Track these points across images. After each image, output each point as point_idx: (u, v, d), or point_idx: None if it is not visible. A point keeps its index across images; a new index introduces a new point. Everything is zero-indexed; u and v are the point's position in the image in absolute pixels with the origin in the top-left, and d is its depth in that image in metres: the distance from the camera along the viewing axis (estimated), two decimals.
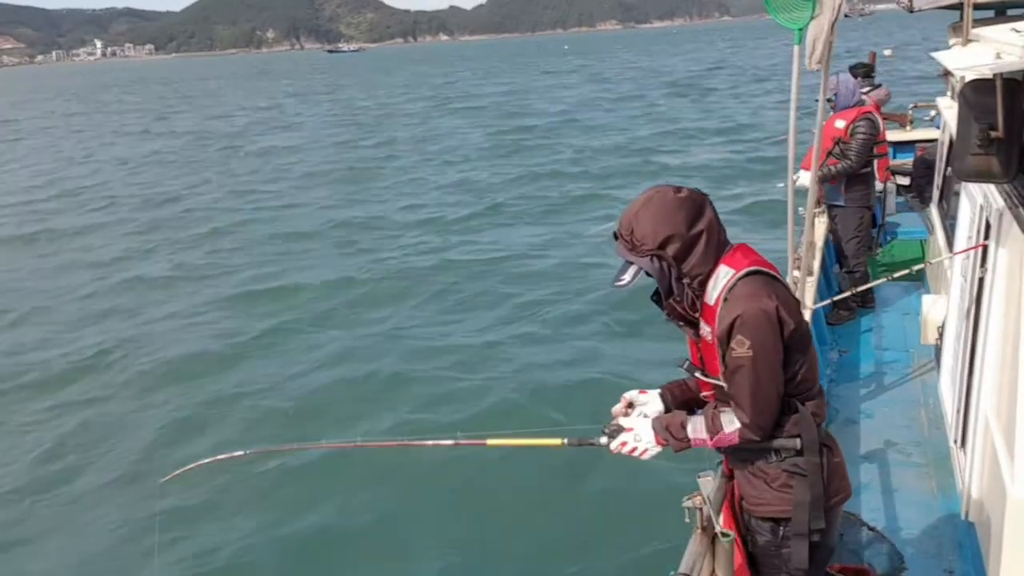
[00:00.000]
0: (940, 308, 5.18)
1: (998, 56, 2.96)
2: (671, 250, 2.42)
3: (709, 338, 2.48)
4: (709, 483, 2.76)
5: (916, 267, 5.77)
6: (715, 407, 2.58)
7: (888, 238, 8.13)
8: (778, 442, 2.49)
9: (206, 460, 3.25)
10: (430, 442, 3.18)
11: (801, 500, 2.50)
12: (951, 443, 4.29)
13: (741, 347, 2.36)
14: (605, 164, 22.04)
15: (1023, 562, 2.93)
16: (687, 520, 2.69)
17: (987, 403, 3.48)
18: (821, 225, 6.72)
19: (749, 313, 2.35)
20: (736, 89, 40.74)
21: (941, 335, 5.08)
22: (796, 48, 4.46)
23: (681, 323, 2.59)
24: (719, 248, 2.47)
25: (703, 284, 2.47)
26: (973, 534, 3.66)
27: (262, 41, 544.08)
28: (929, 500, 4.04)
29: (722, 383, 2.50)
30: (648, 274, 2.47)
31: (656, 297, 2.59)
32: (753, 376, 2.38)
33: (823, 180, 6.44)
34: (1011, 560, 2.96)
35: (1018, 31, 2.98)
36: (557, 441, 2.83)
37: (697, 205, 2.46)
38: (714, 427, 2.51)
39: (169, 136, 36.60)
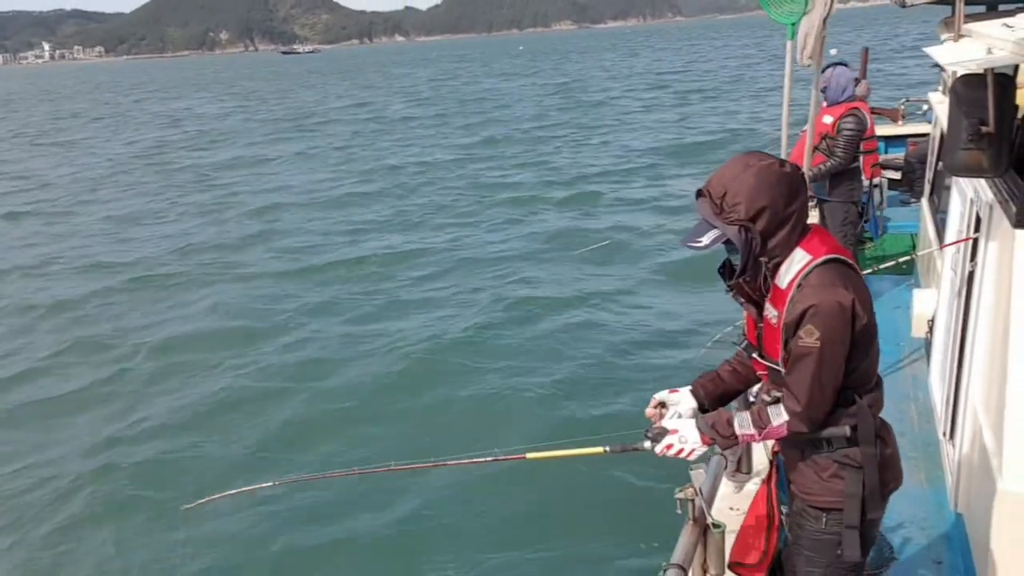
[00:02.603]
0: (930, 302, 5.21)
1: (989, 51, 2.98)
2: (760, 224, 2.32)
3: (774, 322, 2.40)
4: (701, 475, 2.78)
5: (902, 258, 5.80)
6: (768, 391, 2.53)
7: (879, 232, 8.17)
8: (830, 431, 2.42)
9: (233, 491, 3.20)
10: (466, 460, 3.07)
11: (853, 492, 2.44)
12: (940, 435, 4.32)
13: (809, 336, 2.28)
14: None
15: (1011, 553, 2.96)
16: (679, 512, 2.71)
17: (976, 396, 3.51)
18: (811, 219, 6.73)
19: (824, 304, 2.27)
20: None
21: (931, 329, 5.11)
22: (789, 43, 4.48)
23: (743, 301, 2.51)
24: (802, 232, 2.39)
25: (777, 266, 2.39)
26: (962, 525, 3.69)
27: (215, 43, 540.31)
28: (918, 492, 4.06)
29: (778, 367, 2.43)
30: (725, 244, 2.38)
31: (723, 270, 2.51)
32: (816, 367, 2.31)
33: (813, 180, 6.47)
34: (999, 551, 2.99)
35: (1009, 26, 3.00)
36: (599, 449, 2.77)
37: (797, 183, 2.36)
38: (761, 421, 2.44)
39: None
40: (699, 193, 2.43)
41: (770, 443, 3.87)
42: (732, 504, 3.70)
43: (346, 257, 14.68)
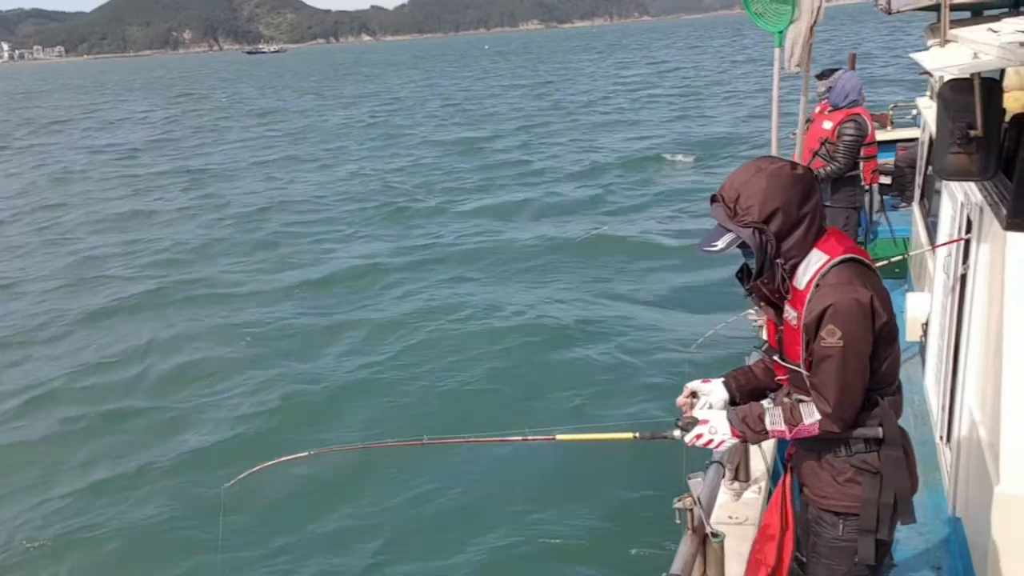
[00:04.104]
0: (924, 305, 5.22)
1: (976, 56, 3.00)
2: (774, 226, 2.34)
3: (794, 323, 2.42)
4: (699, 484, 2.77)
5: (894, 257, 5.83)
6: (788, 394, 2.54)
7: (872, 237, 8.20)
8: (860, 431, 2.42)
9: (270, 462, 3.20)
10: (497, 438, 3.10)
11: (870, 498, 2.44)
12: (936, 439, 4.32)
13: (831, 337, 2.30)
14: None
15: (1009, 556, 2.95)
16: (678, 521, 2.69)
17: (971, 398, 3.51)
18: None
19: (843, 303, 2.29)
20: None
21: (925, 332, 5.12)
22: (776, 51, 4.52)
23: (763, 304, 2.53)
24: (818, 233, 2.41)
25: (795, 267, 2.40)
26: (960, 529, 3.68)
27: (179, 42, 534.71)
28: (916, 496, 4.06)
29: (800, 369, 2.44)
30: (740, 246, 2.40)
31: (740, 274, 2.53)
32: (841, 367, 2.32)
33: None
34: (998, 555, 2.98)
35: (995, 31, 3.01)
36: (628, 435, 2.80)
37: (809, 185, 2.39)
38: (793, 419, 2.45)
39: None
40: (713, 198, 2.46)
41: (770, 450, 3.86)
42: (731, 513, 3.69)
43: (380, 250, 14.88)
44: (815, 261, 2.38)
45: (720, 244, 2.39)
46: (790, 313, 2.45)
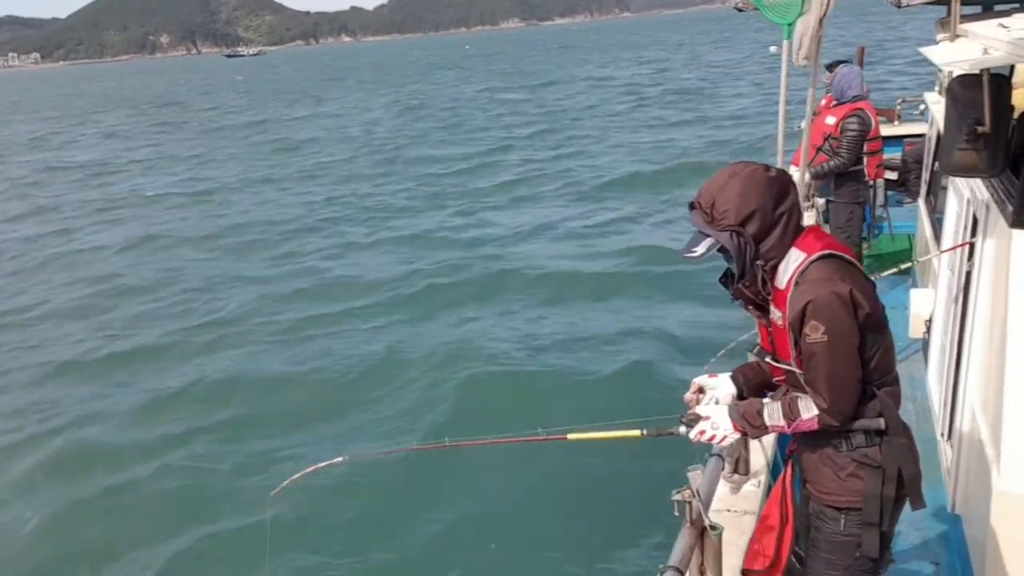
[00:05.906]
0: (928, 302, 5.21)
1: (985, 52, 2.98)
2: (751, 228, 2.37)
3: (780, 323, 2.44)
4: (698, 477, 2.77)
5: (904, 264, 5.82)
6: (786, 392, 2.55)
7: (876, 232, 8.17)
8: (860, 423, 2.43)
9: (309, 468, 3.35)
10: (514, 438, 3.27)
11: (873, 492, 2.44)
12: (938, 436, 4.32)
13: (815, 332, 2.31)
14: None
15: (1008, 554, 2.96)
16: (676, 514, 2.69)
17: (973, 396, 3.51)
18: (810, 219, 6.74)
19: (822, 297, 2.30)
20: None
21: (929, 329, 5.11)
22: (785, 43, 4.49)
23: (749, 307, 2.55)
24: (795, 232, 2.43)
25: (775, 268, 2.43)
26: (959, 526, 3.68)
27: (156, 46, 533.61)
28: None
29: (793, 368, 2.46)
30: (720, 251, 2.42)
31: (724, 279, 2.56)
32: (829, 361, 2.33)
33: (814, 178, 6.47)
34: (996, 552, 2.98)
35: (1005, 27, 2.99)
36: (636, 433, 2.86)
37: (784, 186, 2.42)
38: (791, 413, 2.46)
39: None
40: (691, 205, 2.48)
41: (769, 444, 3.87)
42: (730, 506, 3.69)
43: (405, 257, 14.86)
44: (794, 259, 2.40)
45: (700, 249, 2.42)
46: (775, 313, 2.46)
